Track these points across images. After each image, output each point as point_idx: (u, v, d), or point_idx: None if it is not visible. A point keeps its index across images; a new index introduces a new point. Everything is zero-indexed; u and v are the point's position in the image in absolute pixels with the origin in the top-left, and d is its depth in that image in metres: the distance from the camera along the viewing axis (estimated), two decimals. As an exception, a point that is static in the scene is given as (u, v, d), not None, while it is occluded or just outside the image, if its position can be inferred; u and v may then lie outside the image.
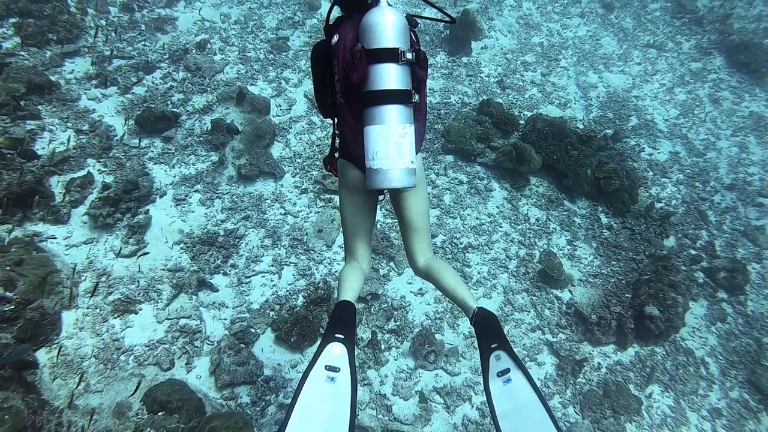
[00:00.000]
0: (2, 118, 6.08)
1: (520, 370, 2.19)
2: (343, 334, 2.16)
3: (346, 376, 2.09)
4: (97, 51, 7.49)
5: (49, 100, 6.61)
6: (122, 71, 7.47)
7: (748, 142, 8.59)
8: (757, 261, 6.91)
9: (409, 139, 2.18)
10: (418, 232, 2.66)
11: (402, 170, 2.16)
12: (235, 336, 5.15)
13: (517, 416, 2.16)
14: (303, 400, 2.01)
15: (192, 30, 8.58)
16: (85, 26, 7.87)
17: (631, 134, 8.24)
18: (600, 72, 9.38)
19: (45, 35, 7.31)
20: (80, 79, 7.09)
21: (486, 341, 2.28)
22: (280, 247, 6.01)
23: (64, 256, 5.46)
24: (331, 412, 2.03)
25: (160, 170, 6.47)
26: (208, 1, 9.22)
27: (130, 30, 8.24)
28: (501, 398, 2.20)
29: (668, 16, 11.08)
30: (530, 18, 10.34)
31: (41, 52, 7.15)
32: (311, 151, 7.07)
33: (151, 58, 7.81)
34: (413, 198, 2.56)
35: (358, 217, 2.65)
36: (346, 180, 2.55)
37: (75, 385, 4.52)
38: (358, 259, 2.70)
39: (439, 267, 2.64)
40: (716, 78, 9.73)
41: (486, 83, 8.58)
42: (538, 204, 6.83)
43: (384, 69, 2.12)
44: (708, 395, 5.54)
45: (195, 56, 7.94)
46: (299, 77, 8.21)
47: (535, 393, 2.15)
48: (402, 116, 2.15)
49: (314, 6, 9.52)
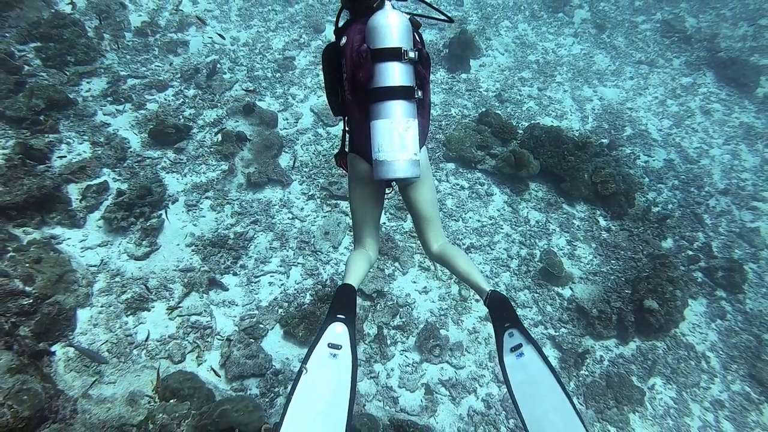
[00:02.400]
0: (23, 131, 6.38)
1: (531, 344, 2.39)
2: (344, 314, 2.35)
3: (347, 352, 2.28)
4: (113, 71, 7.84)
5: (67, 116, 6.90)
6: (136, 89, 7.81)
7: (739, 150, 8.85)
8: (754, 261, 7.05)
9: (412, 133, 2.33)
10: (428, 220, 2.84)
11: (406, 161, 2.31)
12: (244, 331, 5.28)
13: (529, 386, 2.36)
14: (307, 377, 2.18)
15: (203, 52, 8.97)
16: (102, 49, 8.26)
17: (627, 143, 8.51)
18: (594, 86, 9.74)
19: (64, 57, 7.67)
20: (96, 97, 7.41)
21: (500, 321, 2.48)
22: (288, 248, 6.19)
23: (80, 258, 5.63)
24: (333, 386, 2.21)
25: (172, 179, 6.70)
26: (217, 26, 9.65)
27: (144, 52, 8.62)
28: (515, 371, 2.42)
29: (658, 36, 11.53)
30: (526, 38, 10.77)
31: (60, 73, 7.49)
32: (317, 161, 7.32)
33: (164, 77, 8.15)
34: (421, 189, 2.73)
35: (366, 207, 2.81)
36: (356, 172, 2.71)
37: (89, 377, 4.64)
38: (366, 246, 2.87)
39: (452, 252, 2.84)
40: (706, 91, 10.08)
41: (485, 97, 8.91)
42: (538, 207, 7.03)
43: (388, 67, 2.27)
44: (710, 388, 5.61)
45: (205, 77, 8.29)
46: (305, 93, 8.54)
47: (546, 364, 2.34)
48: (406, 111, 2.30)
49: (319, 29, 9.95)
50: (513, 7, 11.71)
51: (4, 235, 5.23)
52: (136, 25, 8.92)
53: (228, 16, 9.91)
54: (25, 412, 3.71)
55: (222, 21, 9.76)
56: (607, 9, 12.30)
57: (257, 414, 4.13)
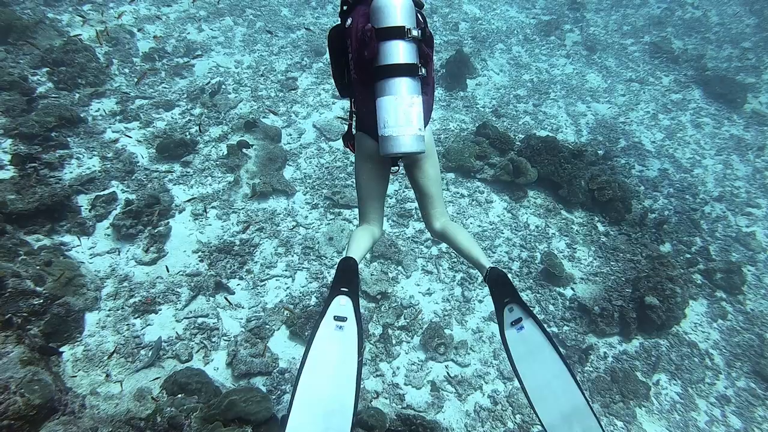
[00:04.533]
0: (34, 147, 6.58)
1: (531, 317, 2.46)
2: (347, 287, 2.37)
3: (353, 323, 2.32)
4: (122, 92, 8.11)
5: (77, 133, 7.11)
6: (144, 109, 8.06)
7: (731, 160, 9.08)
8: (752, 264, 7.16)
9: (417, 109, 2.38)
10: (432, 198, 2.90)
11: (411, 136, 2.36)
12: (251, 331, 5.33)
13: (530, 357, 2.44)
14: (316, 347, 2.24)
15: (208, 75, 9.29)
16: (111, 73, 8.57)
17: (621, 154, 8.73)
18: (588, 102, 10.05)
19: (75, 80, 7.95)
20: (106, 116, 7.65)
21: (500, 296, 2.53)
22: (293, 254, 6.29)
23: (89, 264, 5.73)
24: (341, 356, 2.27)
25: (179, 190, 6.86)
26: (222, 51, 10.01)
27: (151, 75, 8.92)
28: (515, 344, 2.49)
29: (647, 56, 11.96)
30: (520, 59, 11.17)
31: (71, 95, 7.75)
32: (321, 173, 7.50)
33: (171, 98, 8.42)
34: (426, 167, 2.81)
35: (372, 184, 2.86)
36: (362, 150, 2.76)
37: (98, 376, 4.67)
38: (370, 222, 2.91)
39: (454, 229, 2.89)
40: (696, 106, 10.40)
41: (482, 112, 9.19)
42: (537, 213, 7.18)
43: (392, 45, 2.34)
44: (715, 383, 5.62)
45: (210, 96, 8.57)
46: (308, 111, 8.79)
47: (545, 336, 2.42)
48: (410, 88, 2.36)
49: (320, 52, 10.32)
50: (506, 32, 12.18)
51: (16, 240, 5.34)
52: (144, 51, 9.26)
53: (232, 43, 10.28)
54: (36, 400, 3.75)
55: (226, 47, 10.11)
56: (597, 33, 12.79)
57: (265, 404, 4.16)
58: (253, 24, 10.78)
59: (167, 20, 10.26)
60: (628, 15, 13.85)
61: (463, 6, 13.06)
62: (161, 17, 10.26)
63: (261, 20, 10.98)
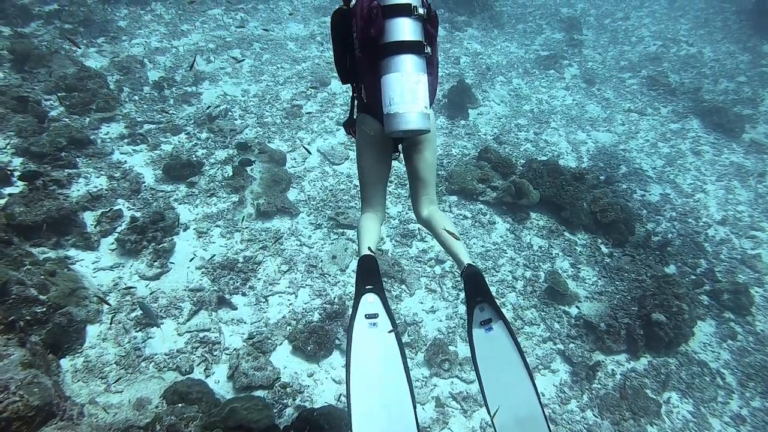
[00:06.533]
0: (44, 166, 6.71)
1: (501, 320, 2.47)
2: (371, 284, 2.40)
3: (385, 318, 2.35)
4: (130, 117, 8.33)
5: (86, 154, 7.26)
6: (152, 133, 8.24)
7: (732, 186, 9.14)
8: (759, 285, 7.09)
9: (423, 86, 2.35)
10: (425, 184, 2.90)
11: (417, 113, 2.32)
12: (253, 345, 5.27)
13: (495, 359, 2.46)
14: (356, 348, 2.26)
15: (215, 102, 9.53)
16: (121, 99, 8.81)
17: (623, 179, 8.81)
18: (588, 131, 10.22)
19: (87, 105, 8.18)
20: (114, 139, 7.81)
21: (473, 294, 2.55)
22: (296, 271, 6.28)
23: (92, 278, 5.73)
24: (383, 351, 2.29)
25: (184, 209, 6.92)
26: (229, 80, 10.31)
27: (160, 102, 9.17)
28: (482, 344, 2.50)
29: (644, 89, 12.24)
30: (520, 90, 11.44)
31: (82, 119, 7.96)
32: (324, 195, 7.58)
33: (178, 123, 8.62)
34: (425, 150, 2.83)
35: (374, 167, 2.84)
36: (365, 132, 2.75)
37: (97, 386, 4.60)
38: (374, 206, 2.90)
39: (441, 219, 2.89)
40: (695, 135, 10.56)
41: (484, 139, 9.34)
42: (540, 234, 7.19)
43: (398, 22, 2.34)
44: (728, 403, 5.47)
45: (218, 121, 8.77)
46: (312, 137, 8.97)
47: (512, 341, 2.43)
48: (416, 65, 2.35)
49: (325, 82, 10.61)
50: (507, 65, 12.54)
51: (22, 251, 5.37)
52: (154, 79, 9.55)
53: (239, 72, 10.59)
54: (35, 401, 3.68)
55: (233, 77, 10.42)
56: (595, 67, 13.14)
57: (267, 412, 4.07)
58: (260, 56, 11.13)
59: (177, 52, 10.63)
60: (624, 51, 14.27)
61: (465, 42, 13.50)
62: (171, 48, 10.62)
63: (268, 53, 11.34)
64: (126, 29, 11.05)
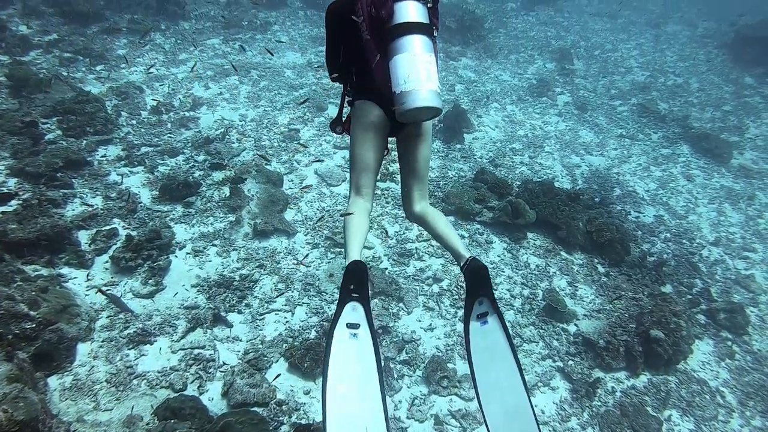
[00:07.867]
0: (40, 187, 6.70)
1: (496, 314, 2.50)
2: (357, 292, 2.31)
3: (366, 330, 2.29)
4: (127, 141, 8.37)
5: (82, 175, 7.26)
6: (149, 155, 8.28)
7: (724, 208, 9.26)
8: (754, 305, 7.10)
9: (434, 67, 2.41)
10: (419, 178, 2.89)
11: (431, 91, 2.36)
12: (248, 363, 5.17)
13: (488, 352, 2.50)
14: (334, 360, 2.20)
15: (213, 126, 9.62)
16: (119, 123, 8.88)
17: (617, 201, 8.90)
18: (582, 155, 10.38)
19: (84, 128, 8.22)
20: (111, 161, 7.83)
21: (475, 288, 2.54)
22: (293, 290, 6.22)
23: (84, 297, 5.64)
24: (361, 364, 2.24)
25: (180, 228, 6.89)
26: (227, 105, 10.43)
27: (158, 126, 9.24)
28: (476, 336, 2.53)
29: (635, 116, 12.52)
30: (514, 116, 11.66)
31: (78, 141, 7.99)
32: (321, 216, 7.58)
33: (176, 146, 8.67)
34: (422, 144, 2.84)
35: (369, 154, 2.78)
36: (364, 118, 2.73)
37: (86, 405, 4.47)
38: (363, 195, 2.81)
39: (434, 215, 2.89)
40: (686, 160, 10.76)
41: (479, 162, 9.45)
42: (537, 253, 7.20)
43: (407, 4, 2.43)
44: (729, 421, 5.40)
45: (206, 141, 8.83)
46: (309, 159, 9.03)
47: (505, 335, 2.47)
48: (426, 46, 2.42)
49: (322, 107, 10.75)
50: (500, 93, 12.80)
51: (13, 268, 5.31)
52: (152, 104, 9.64)
53: (237, 98, 10.72)
54: (20, 416, 3.57)
55: (231, 102, 10.54)
56: (587, 95, 13.44)
57: (262, 426, 3.98)
58: (257, 83, 11.30)
59: (175, 79, 10.77)
60: (615, 81, 14.64)
61: (459, 70, 13.82)
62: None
63: (265, 80, 11.52)
64: (125, 57, 11.23)
